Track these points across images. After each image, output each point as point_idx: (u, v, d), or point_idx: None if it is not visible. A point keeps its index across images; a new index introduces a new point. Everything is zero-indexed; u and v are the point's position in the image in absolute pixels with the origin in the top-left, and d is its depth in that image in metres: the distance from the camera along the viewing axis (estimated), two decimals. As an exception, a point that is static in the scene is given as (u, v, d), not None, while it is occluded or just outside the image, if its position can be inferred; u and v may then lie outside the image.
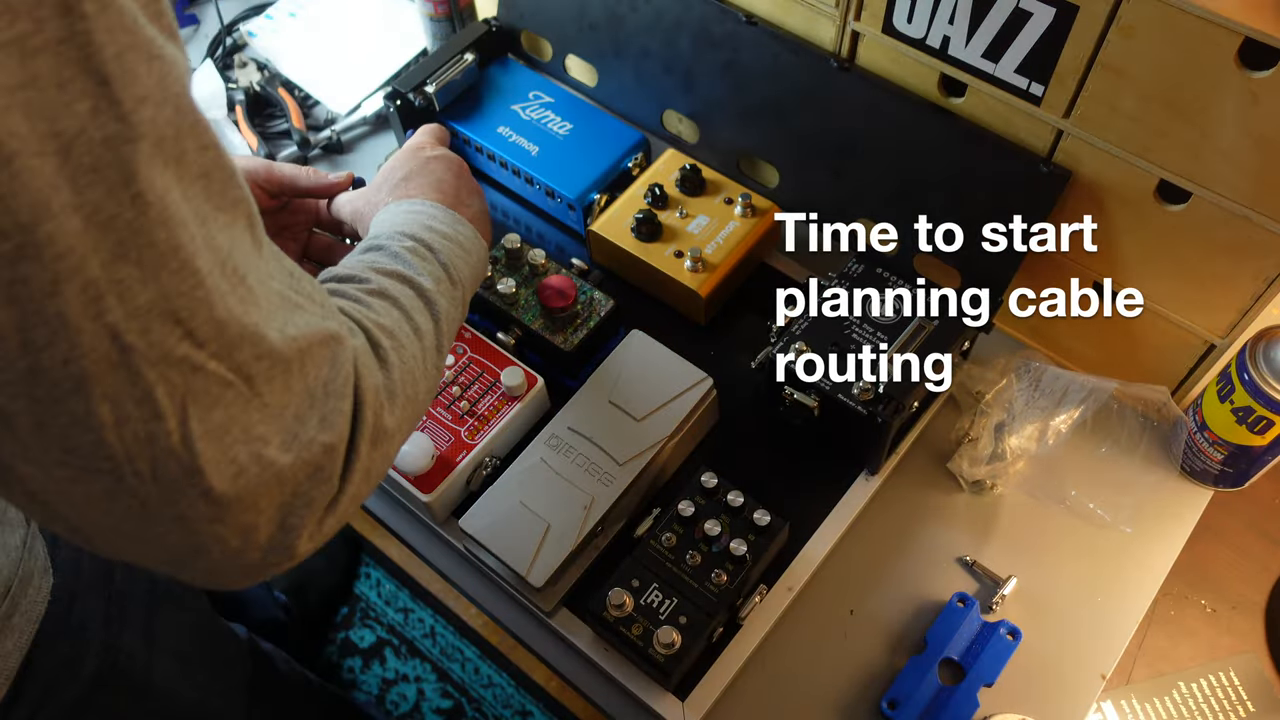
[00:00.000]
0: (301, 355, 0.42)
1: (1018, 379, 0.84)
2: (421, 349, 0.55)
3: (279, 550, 0.42)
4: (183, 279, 0.36)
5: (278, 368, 0.40)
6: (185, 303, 0.37)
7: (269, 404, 0.40)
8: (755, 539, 0.76)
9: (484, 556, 0.80)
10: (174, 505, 0.38)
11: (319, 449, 0.42)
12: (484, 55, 1.05)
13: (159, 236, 0.36)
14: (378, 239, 0.62)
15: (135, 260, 0.35)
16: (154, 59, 0.36)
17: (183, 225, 0.36)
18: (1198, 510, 0.85)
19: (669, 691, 0.75)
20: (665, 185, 0.95)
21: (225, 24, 1.21)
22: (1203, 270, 0.78)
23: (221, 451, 0.38)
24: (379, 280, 0.56)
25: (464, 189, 0.72)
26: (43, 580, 0.66)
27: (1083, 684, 0.77)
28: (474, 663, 1.43)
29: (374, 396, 0.47)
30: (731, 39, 0.92)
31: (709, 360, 0.87)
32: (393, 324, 0.53)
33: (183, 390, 0.37)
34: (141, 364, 0.36)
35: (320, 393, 0.43)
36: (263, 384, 0.40)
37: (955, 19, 0.77)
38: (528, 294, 0.89)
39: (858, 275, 0.85)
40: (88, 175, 0.34)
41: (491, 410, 0.84)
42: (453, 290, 0.61)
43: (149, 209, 0.35)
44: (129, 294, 0.35)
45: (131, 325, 0.35)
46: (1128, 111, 0.73)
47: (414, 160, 0.74)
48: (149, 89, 0.35)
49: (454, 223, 0.66)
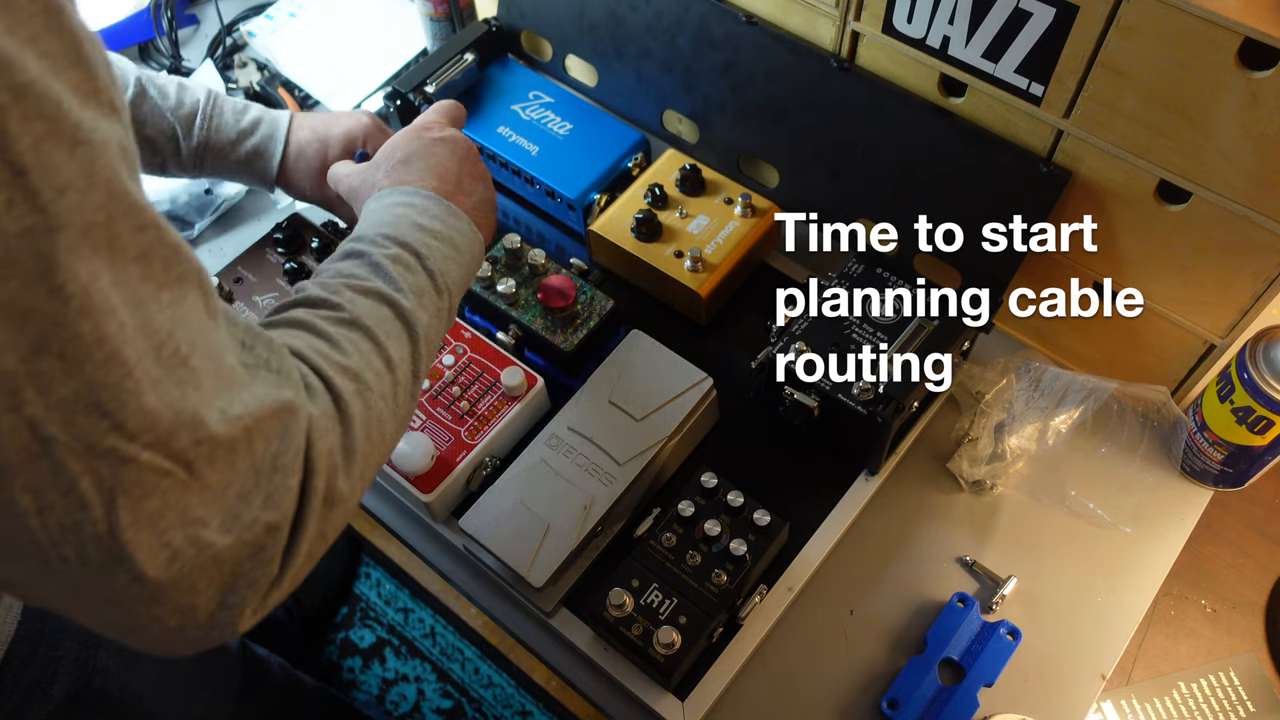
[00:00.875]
0: (248, 433, 0.41)
1: (1018, 379, 0.84)
2: (393, 383, 0.53)
3: (220, 627, 0.41)
4: (109, 370, 0.36)
5: (220, 449, 0.39)
6: (113, 394, 0.36)
7: (210, 485, 0.39)
8: (755, 539, 0.76)
9: (484, 556, 0.80)
10: (105, 588, 0.38)
11: (261, 529, 0.41)
12: (484, 55, 1.06)
13: (83, 328, 0.35)
14: (361, 240, 0.59)
15: (57, 353, 0.34)
16: (79, 144, 0.35)
17: (110, 314, 0.36)
18: (1198, 510, 0.85)
19: (669, 691, 0.75)
20: (665, 185, 0.95)
21: (225, 24, 1.21)
22: (1203, 270, 0.78)
23: (155, 537, 0.37)
24: (352, 306, 0.54)
25: (466, 175, 0.69)
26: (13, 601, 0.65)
27: (1083, 684, 0.77)
28: (474, 663, 1.43)
29: (327, 462, 0.45)
30: (731, 39, 0.92)
31: (709, 360, 0.87)
32: (359, 363, 0.51)
33: (110, 481, 0.36)
34: (64, 455, 0.35)
35: (267, 469, 0.42)
36: (203, 466, 0.39)
37: (955, 19, 0.77)
38: (528, 294, 0.89)
39: (858, 275, 0.85)
40: (3, 269, 0.33)
41: (491, 410, 0.84)
42: (438, 300, 0.59)
43: (71, 300, 0.34)
44: (49, 387, 0.34)
45: (53, 417, 0.35)
46: (1128, 111, 0.73)
47: (417, 141, 0.70)
48: (71, 176, 0.34)
49: (448, 217, 0.63)
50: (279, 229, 0.96)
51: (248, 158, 0.84)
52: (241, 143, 0.83)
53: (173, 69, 1.19)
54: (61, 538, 0.36)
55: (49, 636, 0.68)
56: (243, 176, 0.85)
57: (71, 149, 0.35)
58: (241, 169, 0.84)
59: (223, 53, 1.19)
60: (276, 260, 0.95)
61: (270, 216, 1.07)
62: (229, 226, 1.07)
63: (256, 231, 1.06)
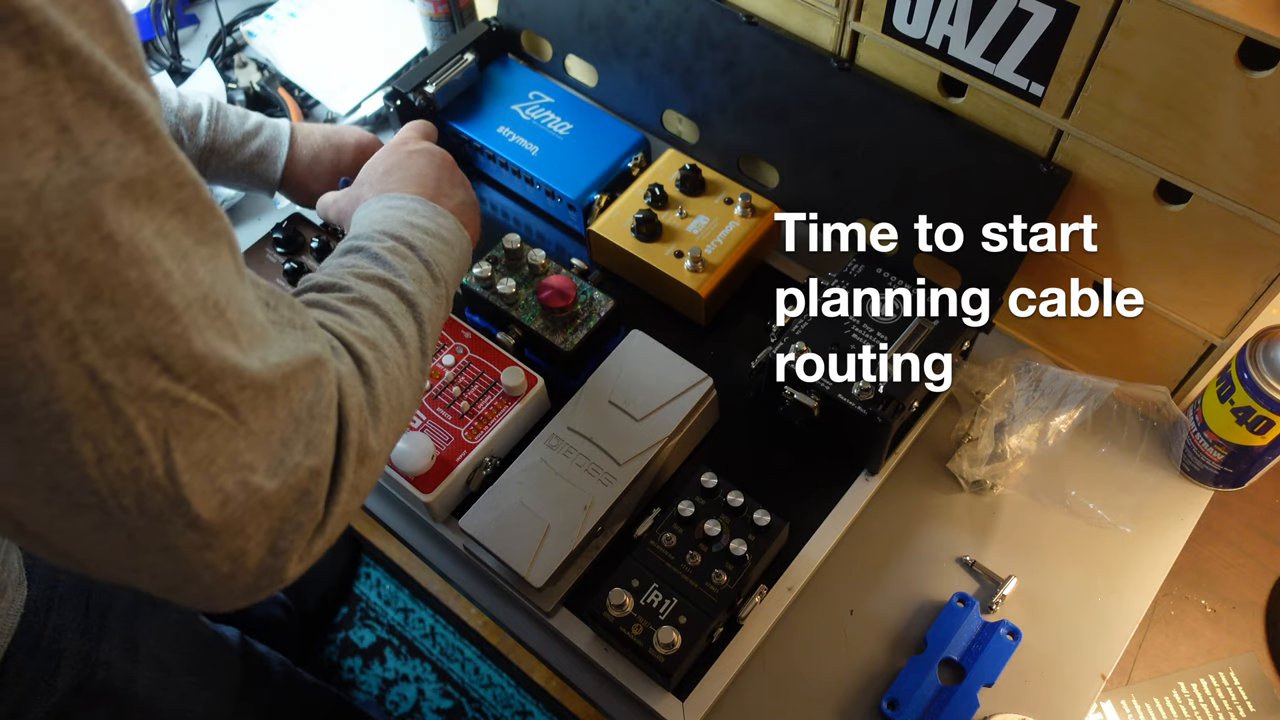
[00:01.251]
0: (285, 381, 0.42)
1: (1018, 379, 0.84)
2: (405, 356, 0.55)
3: (270, 574, 0.42)
4: (157, 316, 0.37)
5: (261, 395, 0.41)
6: (161, 339, 0.37)
7: (254, 431, 0.40)
8: (755, 539, 0.76)
9: (484, 556, 0.80)
10: (162, 536, 0.39)
11: (305, 473, 0.43)
12: (484, 55, 1.06)
13: (131, 276, 0.36)
14: (358, 239, 0.62)
15: (109, 301, 0.36)
16: (119, 104, 0.36)
17: (156, 263, 0.37)
18: (1198, 510, 0.85)
19: (669, 691, 0.75)
20: (665, 185, 0.95)
21: (225, 24, 1.21)
22: (1203, 270, 0.78)
23: (208, 481, 0.39)
24: (360, 287, 0.56)
25: (446, 181, 0.72)
26: (16, 593, 0.66)
27: (1083, 684, 0.77)
28: (474, 663, 1.43)
29: (358, 415, 0.47)
30: (731, 39, 0.92)
31: (709, 360, 0.87)
32: (375, 334, 0.53)
33: (164, 424, 0.37)
34: (121, 401, 0.36)
35: (305, 416, 0.43)
36: (247, 412, 0.40)
37: (955, 19, 0.77)
38: (528, 294, 0.89)
39: (858, 275, 0.85)
40: (58, 221, 0.34)
41: (491, 410, 0.84)
42: (435, 288, 0.61)
43: (119, 249, 0.36)
44: (104, 334, 0.36)
45: (109, 364, 0.36)
46: (1128, 111, 0.73)
47: (395, 155, 0.74)
48: (110, 132, 0.36)
49: (435, 215, 0.66)
50: (279, 229, 0.96)
51: (252, 160, 0.85)
52: (246, 144, 0.85)
53: (173, 69, 1.19)
54: (121, 486, 0.37)
55: (51, 630, 0.69)
56: (245, 179, 0.87)
57: (112, 108, 0.36)
58: (244, 171, 0.86)
59: (223, 53, 1.19)
60: (276, 260, 0.95)
61: (270, 216, 1.07)
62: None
63: (256, 231, 1.06)
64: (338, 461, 0.45)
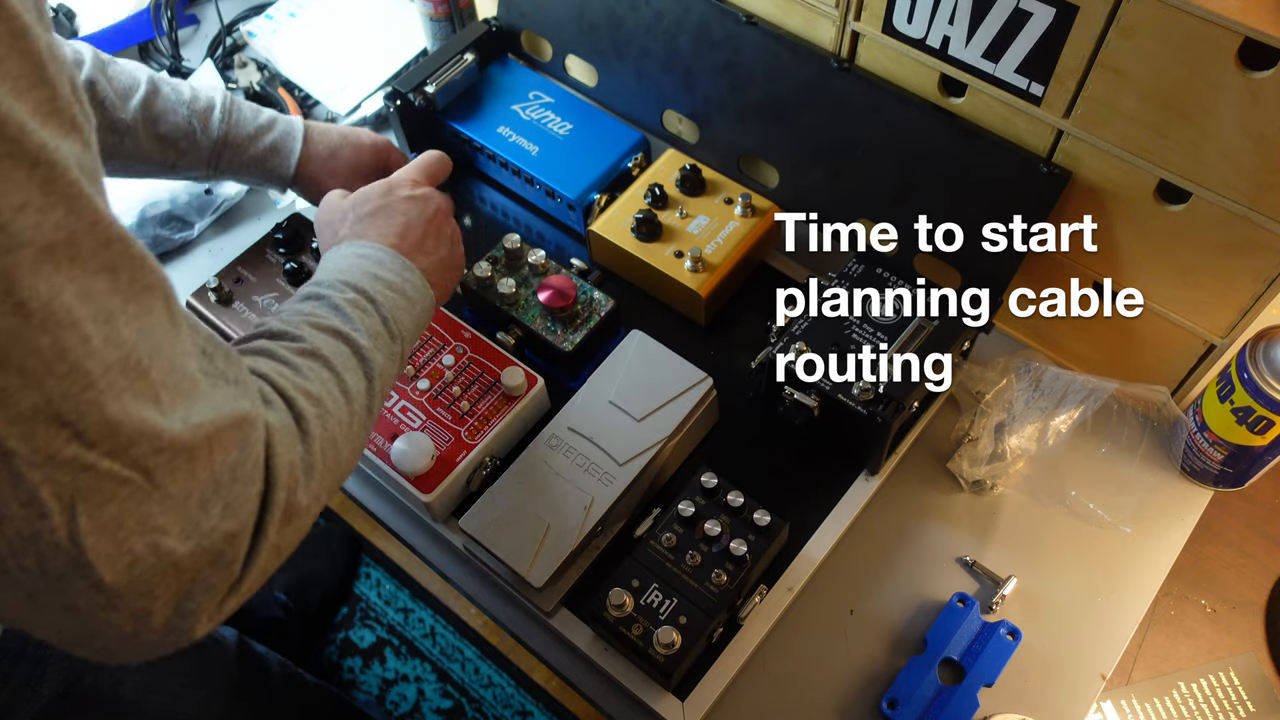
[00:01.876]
0: (209, 441, 0.41)
1: (1018, 379, 0.84)
2: (350, 412, 0.54)
3: (177, 632, 0.42)
4: (71, 382, 0.36)
5: (180, 457, 0.40)
6: (73, 405, 0.37)
7: (170, 494, 0.40)
8: (755, 539, 0.76)
9: (484, 556, 0.80)
10: (64, 596, 0.38)
11: (220, 537, 0.42)
12: (484, 55, 1.05)
13: (43, 343, 0.36)
14: (320, 285, 0.61)
15: (17, 369, 0.35)
16: (39, 164, 0.36)
17: (73, 328, 0.36)
18: (1198, 510, 0.85)
19: (669, 691, 0.75)
20: (665, 185, 0.95)
21: (225, 24, 1.21)
22: (1203, 270, 0.78)
23: (114, 545, 0.38)
24: (313, 338, 0.56)
25: (431, 235, 0.70)
26: None
27: (1083, 684, 0.77)
28: (474, 663, 1.43)
29: (288, 475, 0.46)
30: (731, 39, 0.92)
31: (709, 360, 0.87)
32: (320, 389, 0.52)
33: (70, 489, 0.37)
34: (23, 467, 0.36)
35: (227, 478, 0.42)
36: (163, 475, 0.40)
37: (955, 19, 0.77)
38: (528, 294, 0.89)
39: (858, 275, 0.85)
40: None
41: (491, 410, 0.84)
42: (391, 345, 0.61)
43: (31, 317, 0.35)
44: (10, 401, 0.35)
45: (12, 431, 0.35)
46: (1128, 111, 0.73)
47: (387, 197, 0.72)
48: (29, 194, 0.35)
49: (402, 269, 0.66)
50: (279, 229, 0.96)
51: (264, 154, 0.85)
52: (260, 138, 0.85)
53: (173, 69, 1.19)
54: (21, 547, 0.37)
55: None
56: (257, 174, 0.87)
57: (31, 168, 0.35)
58: (257, 165, 0.86)
59: (223, 53, 1.19)
60: (276, 260, 0.95)
61: (270, 216, 1.07)
62: (229, 226, 1.07)
63: (256, 231, 1.06)
64: (260, 522, 0.45)
